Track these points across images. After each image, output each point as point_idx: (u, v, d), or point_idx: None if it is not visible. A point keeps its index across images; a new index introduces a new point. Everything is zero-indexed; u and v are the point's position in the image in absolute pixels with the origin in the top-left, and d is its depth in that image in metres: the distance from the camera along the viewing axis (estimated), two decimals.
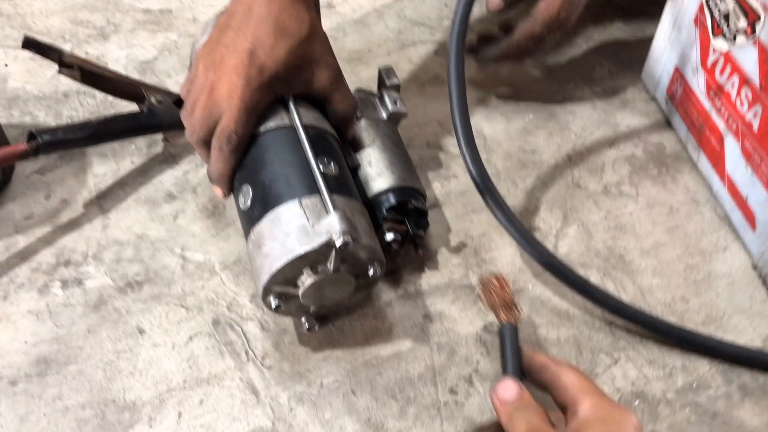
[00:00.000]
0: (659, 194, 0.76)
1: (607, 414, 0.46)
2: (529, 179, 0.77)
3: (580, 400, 0.48)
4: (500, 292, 0.56)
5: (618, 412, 0.47)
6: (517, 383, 0.50)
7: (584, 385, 0.48)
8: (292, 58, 0.59)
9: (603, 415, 0.46)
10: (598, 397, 0.47)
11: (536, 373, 0.52)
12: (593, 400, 0.47)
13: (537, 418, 0.48)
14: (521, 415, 0.48)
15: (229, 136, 0.59)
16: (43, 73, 0.87)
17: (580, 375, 0.49)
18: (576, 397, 0.48)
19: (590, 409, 0.47)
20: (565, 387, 0.49)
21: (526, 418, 0.48)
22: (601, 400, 0.47)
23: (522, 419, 0.48)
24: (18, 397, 0.58)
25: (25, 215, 0.72)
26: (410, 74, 0.89)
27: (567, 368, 0.50)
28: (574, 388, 0.48)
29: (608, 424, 0.46)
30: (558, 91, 0.88)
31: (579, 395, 0.48)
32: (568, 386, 0.49)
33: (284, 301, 0.57)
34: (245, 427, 0.57)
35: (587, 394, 0.48)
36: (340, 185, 0.59)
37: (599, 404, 0.47)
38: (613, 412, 0.46)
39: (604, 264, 0.70)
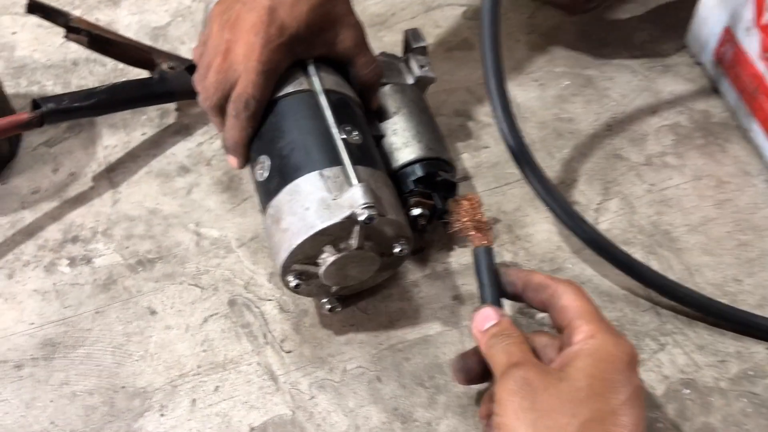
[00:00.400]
0: (706, 165, 0.71)
1: (600, 346, 0.44)
2: (565, 150, 0.72)
3: (575, 327, 0.45)
4: (472, 213, 0.53)
5: (612, 343, 0.44)
6: (495, 310, 0.48)
7: (583, 310, 0.46)
8: (314, 16, 0.55)
9: (595, 348, 0.44)
10: (594, 325, 0.45)
11: (533, 293, 0.49)
12: (589, 328, 0.44)
13: (516, 348, 0.45)
14: (500, 345, 0.46)
15: (246, 102, 0.55)
16: (52, 40, 0.83)
17: (581, 296, 0.47)
18: (572, 322, 0.45)
19: (584, 340, 0.44)
20: (562, 309, 0.46)
21: (505, 350, 0.45)
22: (598, 328, 0.45)
23: (500, 351, 0.46)
24: (24, 382, 0.55)
25: (32, 189, 0.68)
26: (437, 38, 0.84)
27: (567, 288, 0.47)
28: (572, 311, 0.46)
29: (598, 360, 0.43)
30: (595, 55, 0.82)
31: (575, 320, 0.45)
32: (566, 309, 0.46)
33: (304, 280, 0.53)
34: (263, 415, 0.53)
35: (585, 320, 0.45)
36: (364, 155, 0.55)
37: (594, 334, 0.44)
38: (607, 344, 0.44)
39: (648, 241, 0.65)
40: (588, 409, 0.41)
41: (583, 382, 0.42)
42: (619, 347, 0.44)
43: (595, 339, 0.44)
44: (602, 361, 0.43)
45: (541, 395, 0.42)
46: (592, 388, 0.42)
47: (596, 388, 0.42)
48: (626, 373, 0.43)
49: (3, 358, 0.56)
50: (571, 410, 0.41)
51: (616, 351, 0.43)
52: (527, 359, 0.44)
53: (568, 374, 0.42)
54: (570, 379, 0.42)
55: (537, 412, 0.41)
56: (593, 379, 0.42)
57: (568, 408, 0.41)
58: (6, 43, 0.83)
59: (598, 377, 0.42)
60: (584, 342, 0.44)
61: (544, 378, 0.42)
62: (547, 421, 0.41)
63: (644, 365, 0.56)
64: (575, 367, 0.43)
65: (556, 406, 0.41)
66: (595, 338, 0.44)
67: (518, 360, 0.44)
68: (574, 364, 0.43)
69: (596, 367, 0.43)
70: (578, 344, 0.44)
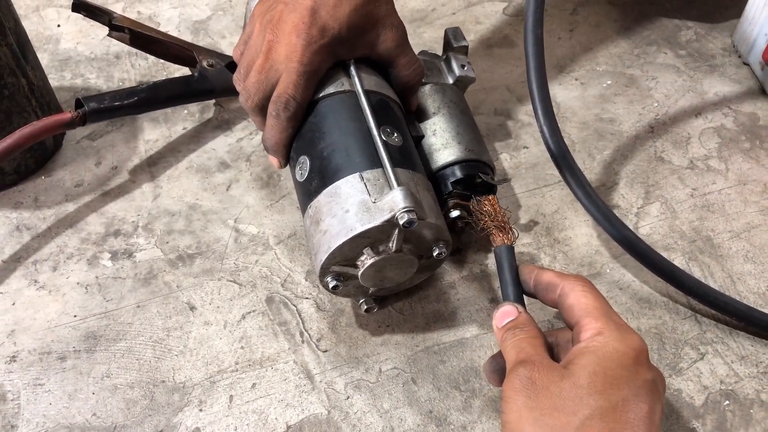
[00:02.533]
0: (752, 170, 0.69)
1: (606, 343, 0.43)
2: (606, 151, 0.71)
3: (583, 325, 0.45)
4: (493, 214, 0.54)
5: (618, 338, 0.43)
6: (514, 307, 0.48)
7: (590, 306, 0.45)
8: (356, 18, 0.54)
9: (601, 345, 0.43)
10: (601, 322, 0.44)
11: (544, 292, 0.49)
12: (596, 326, 0.44)
13: (526, 344, 0.45)
14: (511, 340, 0.46)
15: (286, 102, 0.55)
16: (95, 33, 0.84)
17: (588, 293, 0.46)
18: (580, 320, 0.45)
19: (591, 338, 0.44)
20: (570, 307, 0.46)
21: (516, 345, 0.45)
22: (605, 325, 0.44)
23: (511, 346, 0.46)
24: (67, 373, 0.56)
25: (76, 182, 0.69)
26: (477, 35, 0.83)
27: (574, 285, 0.47)
28: (579, 309, 0.46)
29: (602, 357, 0.42)
30: (639, 54, 0.81)
31: (583, 318, 0.45)
32: (573, 307, 0.46)
33: (342, 281, 0.53)
34: (299, 414, 0.54)
35: (592, 317, 0.45)
36: (404, 157, 0.54)
37: (601, 331, 0.44)
38: (612, 341, 0.43)
39: (689, 247, 0.63)
40: (588, 406, 0.41)
41: (585, 379, 0.41)
42: (625, 343, 0.43)
43: (602, 336, 0.44)
44: (606, 358, 0.42)
45: (544, 393, 0.42)
46: (594, 386, 0.41)
47: (597, 385, 0.41)
48: (632, 369, 0.42)
49: (47, 350, 0.58)
50: (572, 408, 0.41)
51: (621, 347, 0.43)
52: (534, 356, 0.44)
53: (570, 372, 0.42)
54: (572, 377, 0.42)
55: (539, 410, 0.41)
56: (595, 376, 0.42)
57: (570, 406, 0.41)
58: (51, 36, 0.84)
59: (600, 374, 0.42)
60: (591, 339, 0.44)
61: (548, 376, 0.42)
62: (548, 419, 0.41)
63: (683, 374, 0.56)
64: (578, 365, 0.42)
65: (558, 404, 0.41)
66: (601, 335, 0.44)
67: (525, 357, 0.44)
68: (577, 362, 0.43)
69: (599, 364, 0.42)
70: (584, 342, 0.44)
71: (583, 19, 0.85)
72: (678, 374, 0.56)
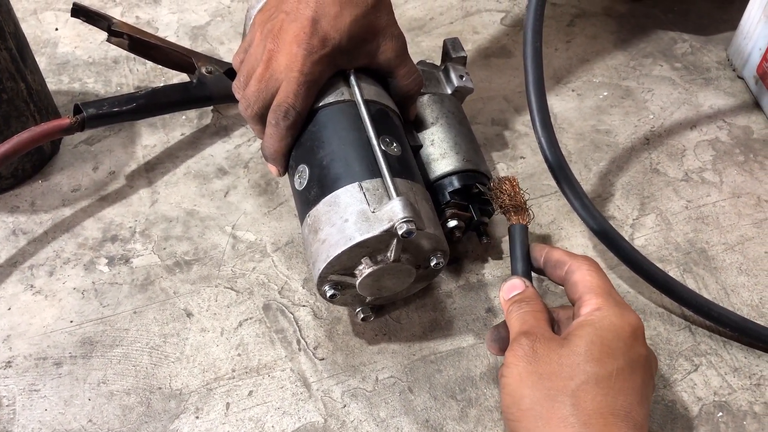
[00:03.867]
0: (746, 183, 0.70)
1: (604, 317, 0.46)
2: (602, 162, 0.72)
3: (584, 301, 0.47)
4: (512, 194, 0.56)
5: (617, 314, 0.46)
6: (522, 281, 0.50)
7: (593, 284, 0.48)
8: (356, 28, 0.55)
9: (599, 318, 0.46)
10: (602, 299, 0.47)
11: (552, 268, 0.51)
12: (596, 301, 0.47)
13: (531, 316, 0.48)
14: (517, 312, 0.48)
15: (286, 111, 0.55)
16: (94, 37, 0.84)
17: (593, 272, 0.49)
18: (582, 296, 0.48)
19: (590, 312, 0.46)
20: (575, 284, 0.49)
21: (521, 317, 0.48)
22: (605, 302, 0.46)
23: (516, 317, 0.48)
24: (62, 379, 0.56)
25: (73, 187, 0.69)
26: (474, 45, 0.84)
27: (581, 264, 0.49)
28: (583, 286, 0.48)
29: (600, 329, 0.45)
30: (635, 66, 0.82)
31: (585, 295, 0.48)
32: (577, 284, 0.48)
33: (340, 290, 0.53)
34: (296, 422, 0.54)
35: (594, 294, 0.47)
36: (403, 167, 0.55)
37: (601, 307, 0.46)
38: (611, 316, 0.46)
39: (684, 259, 0.64)
40: (584, 372, 0.43)
41: (582, 348, 0.44)
42: (623, 318, 0.46)
43: (601, 311, 0.46)
44: (604, 330, 0.45)
45: (543, 360, 0.44)
46: (591, 354, 0.44)
47: (594, 353, 0.44)
48: (628, 342, 0.45)
49: (43, 355, 0.57)
50: (569, 373, 0.43)
51: (619, 321, 0.45)
52: (537, 328, 0.47)
53: (569, 341, 0.45)
54: (571, 346, 0.44)
55: (538, 375, 0.44)
56: (592, 345, 0.44)
57: (567, 372, 0.43)
58: (49, 40, 0.84)
59: (597, 343, 0.44)
60: (590, 314, 0.46)
61: (548, 345, 0.45)
62: (546, 383, 0.43)
63: (677, 386, 0.56)
64: (577, 335, 0.45)
65: (556, 370, 0.44)
66: (600, 310, 0.46)
67: (529, 328, 0.47)
68: (576, 333, 0.45)
69: (597, 335, 0.45)
70: (584, 316, 0.46)
71: (580, 30, 0.86)
72: (672, 386, 0.56)
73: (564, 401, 0.43)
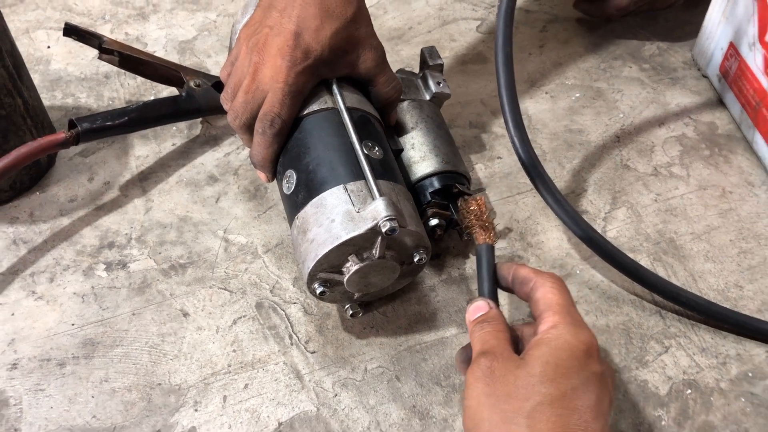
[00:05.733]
0: (711, 176, 0.74)
1: (559, 336, 0.47)
2: (576, 160, 0.75)
3: (543, 318, 0.48)
4: (479, 213, 0.58)
5: (571, 333, 0.47)
6: (485, 302, 0.52)
7: (553, 301, 0.49)
8: (337, 40, 0.58)
9: (554, 337, 0.47)
10: (559, 317, 0.48)
11: (519, 285, 0.52)
12: (553, 319, 0.48)
13: (491, 336, 0.49)
14: (478, 333, 0.50)
15: (272, 120, 0.58)
16: (85, 54, 0.87)
17: (555, 289, 0.50)
18: (542, 313, 0.49)
19: (547, 330, 0.47)
20: (537, 301, 0.50)
21: (481, 337, 0.49)
22: (561, 320, 0.48)
23: (477, 338, 0.49)
24: (66, 379, 0.59)
25: (69, 198, 0.72)
26: (452, 52, 0.88)
27: (545, 281, 0.50)
28: (543, 303, 0.49)
29: (554, 348, 0.46)
30: (605, 69, 0.86)
31: (544, 312, 0.49)
32: (539, 301, 0.50)
33: (329, 287, 0.56)
34: (290, 411, 0.57)
35: (552, 311, 0.48)
36: (385, 170, 0.58)
37: (556, 325, 0.47)
38: (565, 334, 0.47)
39: (654, 248, 0.68)
40: (539, 393, 0.44)
41: (537, 368, 0.45)
42: (577, 337, 0.47)
43: (556, 329, 0.47)
44: (558, 349, 0.46)
45: (501, 381, 0.45)
46: (545, 374, 0.45)
47: (549, 374, 0.45)
48: (582, 360, 0.46)
49: (47, 357, 0.60)
50: (524, 395, 0.44)
51: (573, 340, 0.46)
52: (497, 347, 0.48)
53: (525, 362, 0.46)
54: (526, 366, 0.45)
55: (495, 396, 0.45)
56: (547, 366, 0.45)
57: (522, 393, 0.44)
58: (41, 57, 0.87)
59: (551, 364, 0.45)
60: (546, 332, 0.47)
61: (505, 365, 0.46)
62: (504, 405, 0.44)
63: (649, 366, 0.60)
64: (532, 355, 0.46)
65: (512, 391, 0.45)
66: (556, 328, 0.47)
67: (488, 348, 0.48)
68: (532, 353, 0.46)
69: (551, 354, 0.46)
70: (540, 334, 0.47)
71: (552, 36, 0.90)
72: (644, 366, 0.60)
73: (520, 423, 0.43)
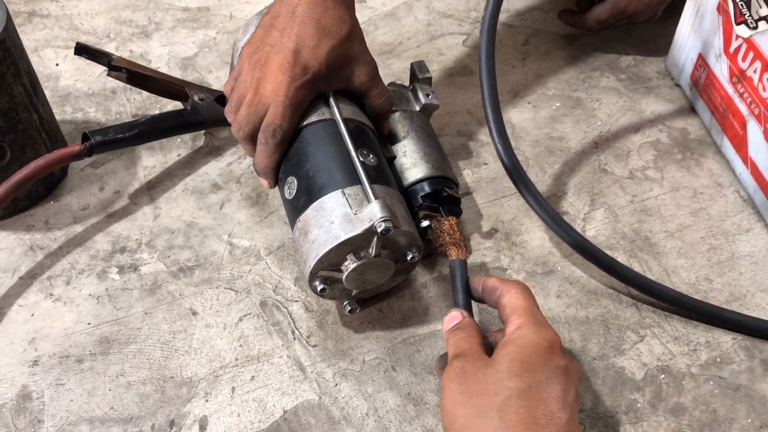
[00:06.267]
0: (684, 178, 0.79)
1: (524, 335, 0.50)
2: (557, 165, 0.80)
3: (509, 321, 0.52)
4: (451, 232, 0.62)
5: (535, 331, 0.50)
6: (459, 312, 0.55)
7: (518, 306, 0.53)
8: (333, 57, 0.63)
9: (519, 336, 0.50)
10: (524, 318, 0.51)
11: (488, 294, 0.56)
12: (518, 321, 0.51)
13: (464, 341, 0.52)
14: (452, 340, 0.53)
15: (274, 131, 0.63)
16: (92, 71, 0.92)
17: (520, 294, 0.53)
18: (509, 317, 0.53)
19: (513, 331, 0.51)
20: (503, 306, 0.54)
21: (455, 343, 0.53)
22: (526, 321, 0.51)
23: (451, 344, 0.53)
24: (85, 374, 0.63)
25: (82, 206, 0.77)
26: (440, 65, 0.93)
27: (511, 288, 0.54)
28: (509, 308, 0.53)
29: (519, 346, 0.50)
30: (584, 79, 0.91)
31: (510, 316, 0.52)
32: (505, 306, 0.53)
33: (329, 285, 0.61)
34: (294, 400, 0.61)
35: (517, 314, 0.52)
36: (380, 175, 0.63)
37: (522, 326, 0.51)
38: (529, 333, 0.50)
39: (630, 246, 0.73)
40: (507, 388, 0.48)
41: (505, 365, 0.49)
42: (540, 335, 0.50)
43: (521, 329, 0.51)
44: (523, 347, 0.50)
45: (472, 380, 0.49)
46: (512, 370, 0.48)
47: (515, 369, 0.48)
48: (545, 356, 0.49)
49: (66, 354, 0.64)
50: (494, 390, 0.48)
51: (537, 338, 0.50)
52: (468, 350, 0.51)
53: (494, 360, 0.50)
54: (495, 365, 0.49)
55: (468, 394, 0.49)
56: (513, 363, 0.49)
57: (492, 388, 0.48)
58: (51, 74, 0.92)
59: (517, 360, 0.49)
60: (512, 333, 0.51)
61: (476, 365, 0.50)
62: (476, 400, 0.48)
63: (626, 354, 0.64)
64: (500, 354, 0.50)
65: (483, 388, 0.48)
66: (521, 329, 0.51)
67: (460, 351, 0.51)
68: (500, 352, 0.50)
69: (517, 352, 0.49)
70: (507, 335, 0.51)
71: (534, 48, 0.95)
72: (621, 354, 0.64)
73: (492, 416, 0.47)
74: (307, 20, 0.62)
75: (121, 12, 1.00)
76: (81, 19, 0.99)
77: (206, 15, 1.00)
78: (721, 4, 0.77)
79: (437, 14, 1.00)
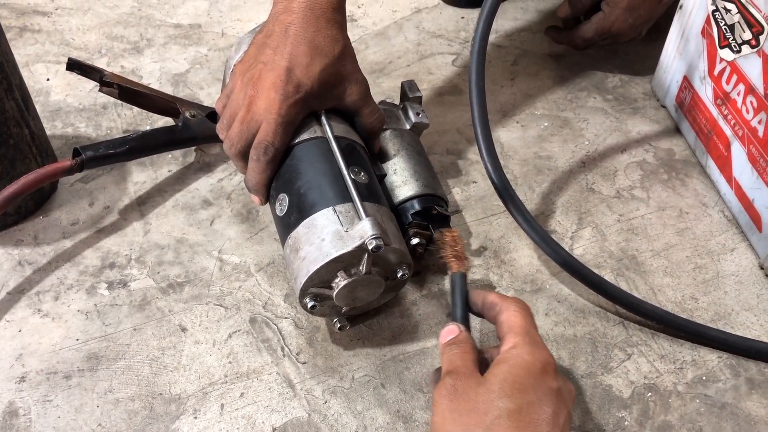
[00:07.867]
0: (669, 198, 0.80)
1: (518, 355, 0.50)
2: (545, 184, 0.81)
3: (505, 339, 0.52)
4: (453, 245, 0.62)
5: (529, 352, 0.50)
6: (457, 326, 0.55)
7: (515, 324, 0.52)
8: (325, 76, 0.64)
9: (513, 356, 0.50)
10: (519, 338, 0.51)
11: (487, 310, 0.56)
12: (514, 340, 0.51)
13: (458, 357, 0.52)
14: (447, 355, 0.53)
15: (266, 148, 0.63)
16: (83, 86, 0.92)
17: (518, 312, 0.53)
18: (504, 335, 0.53)
19: (507, 350, 0.51)
20: (501, 323, 0.54)
21: (449, 358, 0.52)
22: (521, 340, 0.51)
23: (446, 359, 0.53)
24: (72, 390, 0.63)
25: (71, 221, 0.77)
26: (430, 84, 0.94)
27: (510, 305, 0.54)
28: (506, 326, 0.53)
29: (512, 366, 0.49)
30: (572, 99, 0.92)
31: (507, 334, 0.52)
32: (503, 323, 0.53)
33: (319, 302, 0.61)
34: (283, 418, 0.61)
35: (513, 333, 0.52)
36: (370, 193, 0.63)
37: (517, 345, 0.51)
38: (523, 353, 0.50)
39: (617, 264, 0.74)
40: (497, 408, 0.47)
41: (496, 385, 0.48)
42: (534, 355, 0.50)
43: (515, 349, 0.51)
44: (516, 367, 0.49)
45: (463, 398, 0.49)
46: (503, 390, 0.48)
47: (506, 390, 0.48)
48: (538, 377, 0.49)
49: (53, 370, 0.64)
50: (484, 409, 0.47)
51: (530, 359, 0.50)
52: (462, 367, 0.51)
53: (486, 379, 0.49)
54: (486, 383, 0.49)
55: (458, 412, 0.48)
56: (504, 382, 0.48)
57: (483, 407, 0.48)
58: (41, 89, 0.92)
59: (509, 380, 0.48)
60: (506, 352, 0.51)
61: (467, 383, 0.49)
62: (465, 419, 0.48)
63: (613, 372, 0.65)
64: (493, 373, 0.49)
65: (473, 406, 0.48)
66: (515, 348, 0.51)
67: (453, 368, 0.51)
68: (492, 370, 0.50)
69: (509, 372, 0.49)
70: (501, 354, 0.51)
71: (522, 69, 0.96)
72: (609, 372, 0.65)
73: None
74: (300, 39, 0.63)
75: (112, 28, 1.01)
76: (72, 34, 0.99)
77: (198, 32, 1.01)
78: (706, 27, 0.79)
79: (427, 34, 1.01)
